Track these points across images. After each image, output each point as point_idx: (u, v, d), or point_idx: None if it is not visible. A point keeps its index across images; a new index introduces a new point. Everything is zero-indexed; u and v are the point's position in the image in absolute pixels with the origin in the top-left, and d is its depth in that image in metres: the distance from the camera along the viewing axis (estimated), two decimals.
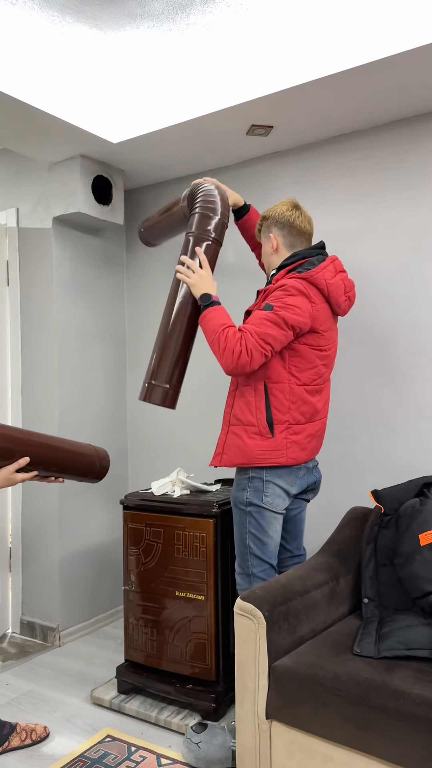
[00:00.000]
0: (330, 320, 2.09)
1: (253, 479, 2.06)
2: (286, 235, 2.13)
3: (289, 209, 2.13)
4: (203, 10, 2.01)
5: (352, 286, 2.16)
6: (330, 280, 2.04)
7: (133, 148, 2.80)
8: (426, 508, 2.00)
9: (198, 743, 2.04)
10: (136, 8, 2.00)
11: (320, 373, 2.09)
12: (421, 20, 1.97)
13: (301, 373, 2.04)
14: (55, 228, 3.01)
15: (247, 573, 2.10)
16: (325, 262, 2.07)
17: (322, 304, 2.04)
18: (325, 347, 2.08)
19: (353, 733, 1.56)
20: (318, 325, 2.03)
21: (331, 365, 2.15)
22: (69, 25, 2.08)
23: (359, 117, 2.51)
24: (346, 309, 2.15)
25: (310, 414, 2.08)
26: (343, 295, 2.10)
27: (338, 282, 2.07)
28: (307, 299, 1.99)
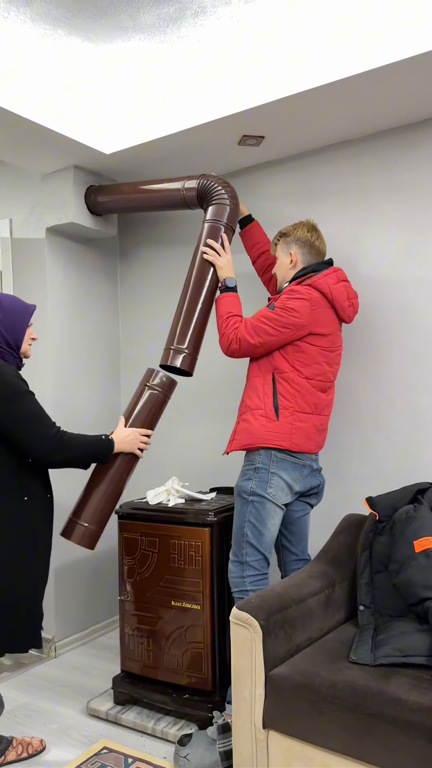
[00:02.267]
0: (334, 324, 2.22)
1: (259, 470, 2.15)
2: (305, 254, 2.31)
3: (309, 230, 2.32)
4: (194, 22, 2.03)
5: (355, 295, 2.30)
6: (332, 286, 2.20)
7: (126, 158, 2.82)
8: (420, 515, 2.01)
9: (186, 756, 2.04)
10: (128, 21, 2.02)
11: (323, 371, 2.20)
12: (410, 31, 2.00)
13: (304, 368, 2.17)
14: (48, 238, 3.02)
15: (240, 561, 2.16)
16: (327, 271, 2.24)
17: (326, 308, 2.18)
18: (329, 348, 2.21)
19: (350, 741, 1.55)
20: (318, 327, 2.16)
21: (335, 367, 2.26)
22: (61, 37, 2.10)
23: (350, 126, 2.54)
24: (351, 315, 2.28)
25: (314, 405, 2.19)
26: (347, 300, 2.23)
27: (341, 288, 2.22)
28: (309, 303, 2.14)
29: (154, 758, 2.15)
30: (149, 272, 3.32)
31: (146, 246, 3.33)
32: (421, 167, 2.51)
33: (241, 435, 2.20)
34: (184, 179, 2.62)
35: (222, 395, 3.03)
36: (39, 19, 2.00)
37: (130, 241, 3.40)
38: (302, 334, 2.15)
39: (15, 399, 1.90)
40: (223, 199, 2.48)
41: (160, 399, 2.25)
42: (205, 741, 2.07)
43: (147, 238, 3.33)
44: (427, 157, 2.49)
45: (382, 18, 2.01)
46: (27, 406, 1.92)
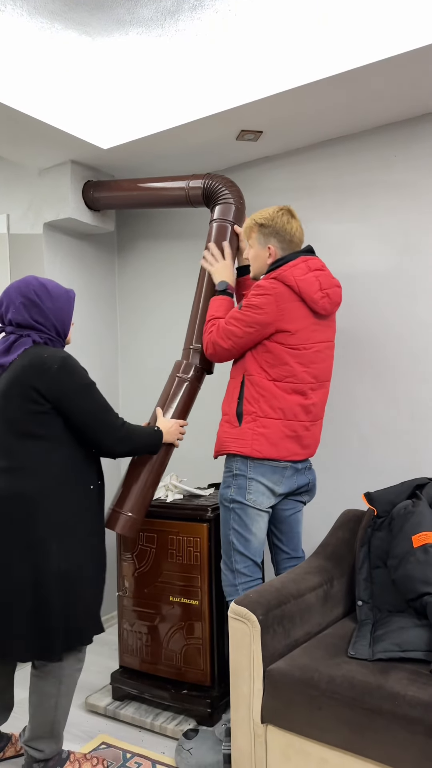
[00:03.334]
0: (305, 320, 2.07)
1: (237, 476, 2.10)
2: (285, 248, 2.18)
3: (288, 221, 2.16)
4: (192, 16, 2.02)
5: (332, 284, 2.13)
6: (300, 277, 2.05)
7: (124, 153, 2.81)
8: (418, 510, 2.01)
9: (189, 749, 2.04)
10: (125, 15, 2.01)
11: (293, 372, 2.06)
12: (409, 25, 1.99)
13: (271, 369, 2.07)
14: (46, 234, 3.01)
15: (231, 569, 2.13)
16: (295, 261, 2.09)
17: (294, 302, 2.04)
18: (296, 345, 2.06)
19: (348, 736, 1.56)
20: (286, 324, 2.04)
21: (313, 366, 2.10)
22: (58, 31, 2.09)
23: (348, 121, 2.53)
24: (326, 306, 2.10)
25: (282, 411, 2.07)
26: (318, 292, 2.07)
27: (310, 279, 2.06)
28: (273, 298, 2.03)
29: (153, 753, 2.15)
30: (147, 267, 3.32)
31: (144, 241, 3.32)
32: (419, 162, 2.50)
33: (216, 442, 2.18)
34: (189, 178, 2.63)
35: (220, 391, 3.02)
36: (36, 12, 1.99)
37: (127, 236, 3.39)
38: (269, 331, 2.04)
39: (88, 390, 1.89)
40: (229, 199, 2.52)
41: (193, 389, 2.33)
42: (211, 740, 2.07)
43: (145, 234, 3.32)
44: (426, 152, 2.49)
45: (380, 12, 2.00)
46: (97, 397, 1.92)
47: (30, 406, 1.83)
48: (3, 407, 1.86)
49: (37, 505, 1.83)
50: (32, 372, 1.82)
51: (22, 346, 1.89)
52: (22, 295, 1.92)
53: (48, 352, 1.86)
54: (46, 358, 1.84)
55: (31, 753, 1.95)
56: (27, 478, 1.83)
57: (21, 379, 1.83)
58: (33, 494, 1.83)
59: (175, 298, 3.21)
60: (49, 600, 1.82)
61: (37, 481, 1.84)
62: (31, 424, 1.84)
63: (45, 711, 1.92)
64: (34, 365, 1.83)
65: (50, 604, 1.82)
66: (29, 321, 1.92)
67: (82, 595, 1.90)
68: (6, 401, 1.85)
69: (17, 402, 1.83)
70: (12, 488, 1.83)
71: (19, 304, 1.91)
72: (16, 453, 1.84)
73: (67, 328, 2.00)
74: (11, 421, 1.85)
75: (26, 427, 1.84)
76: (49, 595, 1.82)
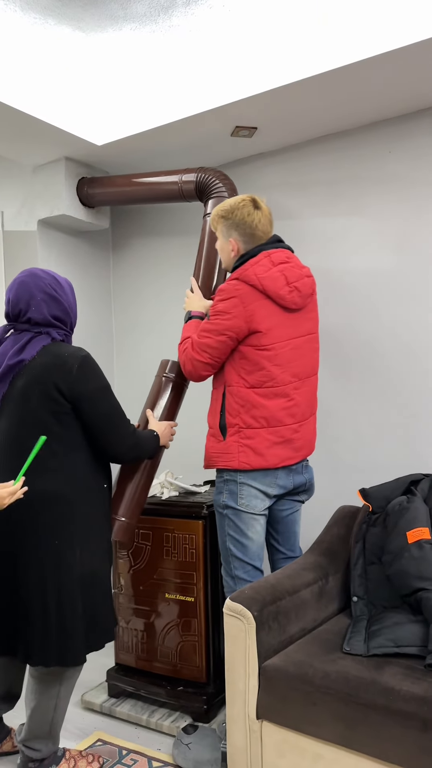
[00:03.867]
0: (275, 317, 2.00)
1: (228, 482, 2.06)
2: (247, 241, 2.09)
3: (250, 213, 2.06)
4: (186, 11, 2.01)
5: (300, 276, 2.04)
6: (262, 275, 1.97)
7: (118, 150, 2.80)
8: (413, 506, 2.01)
9: (188, 744, 2.04)
10: (119, 10, 2.00)
11: (271, 376, 2.00)
12: (402, 22, 1.99)
13: (249, 376, 2.01)
14: (40, 231, 3.00)
15: (231, 575, 2.10)
16: (257, 257, 2.02)
17: (261, 301, 1.97)
18: (269, 346, 1.99)
19: (343, 731, 1.56)
20: (256, 324, 1.97)
21: (290, 365, 2.03)
22: (51, 27, 2.08)
23: (343, 118, 2.53)
24: (296, 300, 2.02)
25: (264, 419, 2.01)
26: (285, 287, 1.99)
27: (274, 275, 1.98)
28: (238, 300, 1.97)
29: (149, 750, 2.15)
30: (142, 264, 3.31)
31: (139, 238, 3.32)
32: (414, 158, 2.50)
33: (204, 455, 2.14)
34: (182, 172, 2.62)
35: None
36: (28, 8, 1.98)
37: (122, 232, 3.38)
38: (243, 335, 1.98)
39: (104, 393, 1.87)
40: (223, 192, 2.50)
41: (180, 387, 2.29)
42: (211, 736, 2.07)
43: (139, 230, 3.31)
44: (420, 148, 2.49)
45: (374, 9, 2.00)
46: (113, 401, 1.90)
47: (51, 405, 1.79)
48: (23, 405, 1.81)
49: (63, 506, 1.81)
50: (54, 370, 1.79)
51: (41, 343, 1.84)
52: (41, 290, 1.88)
53: (68, 350, 1.83)
54: (67, 357, 1.81)
55: (27, 753, 1.94)
56: (49, 479, 1.80)
57: (43, 377, 1.79)
58: (57, 496, 1.80)
59: (170, 294, 3.20)
60: (73, 603, 1.81)
61: (60, 481, 1.81)
62: (51, 423, 1.80)
63: (44, 712, 1.91)
64: (56, 364, 1.80)
65: (74, 608, 1.81)
66: (47, 318, 1.88)
67: (102, 598, 1.90)
68: (25, 399, 1.81)
69: (39, 401, 1.79)
70: (36, 490, 1.76)
71: (41, 300, 1.87)
72: (40, 455, 1.76)
73: (75, 321, 1.98)
74: (31, 420, 1.80)
75: (48, 427, 1.80)
76: (74, 599, 1.81)
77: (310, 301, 2.11)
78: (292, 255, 2.12)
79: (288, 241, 2.76)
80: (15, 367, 1.84)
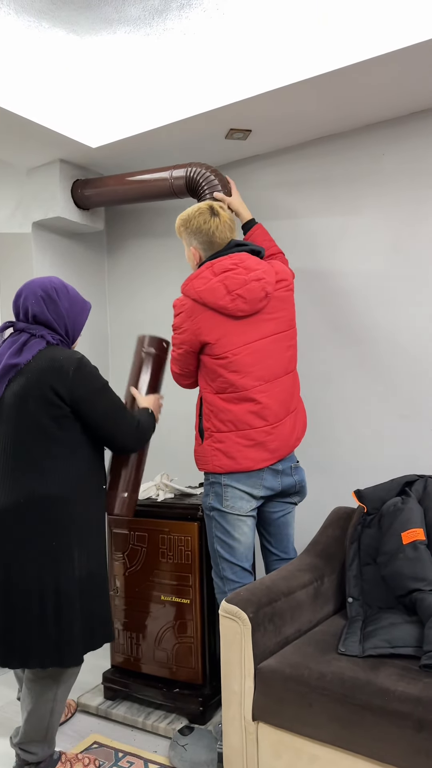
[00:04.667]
0: (223, 326, 2.02)
1: (213, 484, 2.09)
2: (206, 248, 2.12)
3: (206, 220, 2.09)
4: (180, 15, 2.02)
5: (243, 282, 2.00)
6: (200, 288, 2.02)
7: (112, 152, 2.80)
8: (408, 507, 2.02)
9: (184, 745, 2.04)
10: (113, 13, 2.01)
11: (230, 382, 2.02)
12: (396, 24, 2.00)
13: (213, 383, 2.06)
14: (34, 233, 3.00)
15: (220, 576, 2.11)
16: (200, 270, 2.06)
17: (205, 313, 2.02)
18: (222, 355, 2.02)
19: (339, 732, 1.56)
20: (204, 336, 2.02)
21: (250, 369, 2.02)
22: (45, 30, 2.08)
23: (337, 120, 2.54)
24: (242, 307, 2.01)
25: (232, 423, 2.04)
26: (225, 297, 2.00)
27: (213, 286, 2.00)
28: (185, 315, 2.05)
29: (145, 752, 2.15)
30: (137, 265, 3.31)
31: (133, 239, 3.32)
32: (408, 160, 2.51)
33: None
34: (171, 168, 2.62)
35: None
36: (23, 11, 1.98)
37: (117, 234, 3.38)
38: (197, 348, 2.05)
39: (103, 392, 1.90)
40: (216, 187, 2.49)
41: (161, 361, 2.27)
42: (207, 738, 2.07)
43: (134, 232, 3.31)
44: (414, 150, 2.50)
45: (368, 11, 2.00)
46: (113, 398, 1.93)
47: (49, 409, 1.82)
48: (19, 409, 1.83)
49: (60, 509, 1.82)
50: (51, 374, 1.82)
51: (36, 347, 1.87)
52: (42, 289, 1.93)
53: (63, 354, 1.86)
54: (63, 361, 1.84)
55: (23, 756, 1.94)
56: (49, 481, 1.82)
57: (40, 382, 1.81)
58: (57, 498, 1.82)
59: (165, 296, 3.21)
60: (71, 604, 1.82)
61: (59, 484, 1.83)
62: (49, 426, 1.83)
63: (40, 716, 1.91)
64: (52, 368, 1.82)
65: (72, 608, 1.82)
66: (45, 315, 1.91)
67: (100, 598, 1.92)
68: (23, 403, 1.83)
69: (36, 404, 1.82)
70: (36, 492, 1.80)
71: (39, 297, 1.92)
72: (36, 456, 1.82)
73: (76, 334, 2.01)
74: (29, 423, 1.83)
75: (45, 430, 1.82)
76: (72, 599, 1.82)
77: (266, 303, 2.06)
78: (245, 258, 2.06)
79: (282, 242, 2.78)
80: (12, 369, 1.86)
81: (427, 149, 2.47)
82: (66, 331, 1.97)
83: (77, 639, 1.83)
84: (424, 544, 1.94)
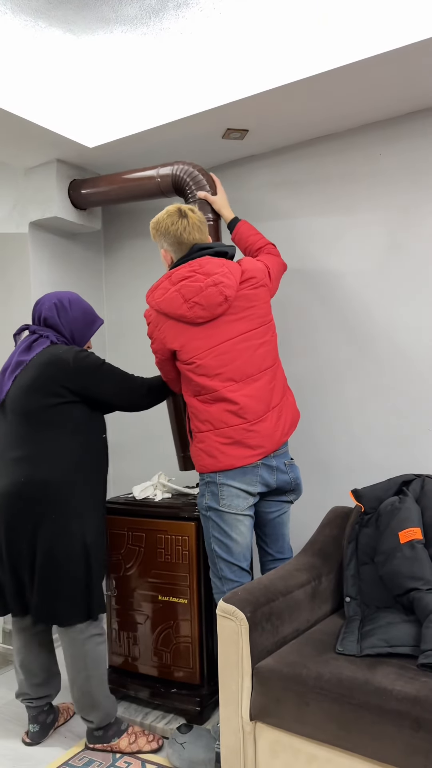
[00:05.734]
0: (185, 333, 2.05)
1: (209, 484, 2.08)
2: (176, 251, 2.15)
3: (174, 222, 2.11)
4: (177, 14, 2.02)
5: (199, 289, 2.02)
6: (159, 299, 2.07)
7: (109, 152, 2.80)
8: (405, 506, 2.02)
9: (182, 744, 2.04)
10: (110, 13, 2.00)
11: (201, 385, 2.05)
12: (393, 24, 2.00)
13: (188, 386, 2.11)
14: (31, 233, 2.99)
15: (218, 576, 2.10)
16: (159, 281, 2.10)
17: (167, 322, 2.08)
18: (188, 361, 2.05)
19: (336, 732, 1.56)
20: (170, 344, 2.08)
21: (220, 370, 2.04)
22: (42, 29, 2.08)
23: (334, 120, 2.54)
24: (200, 314, 2.03)
25: (209, 422, 2.06)
26: (183, 306, 2.03)
27: (170, 296, 2.04)
28: (154, 326, 2.12)
29: (142, 753, 2.15)
30: (134, 265, 3.31)
31: (130, 239, 3.32)
32: (404, 160, 2.52)
33: None
34: (159, 167, 2.61)
35: None
36: (19, 10, 1.98)
37: (114, 234, 3.38)
38: (168, 356, 2.12)
39: (103, 370, 2.12)
40: (204, 186, 2.50)
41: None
42: (206, 737, 2.07)
43: (131, 232, 3.31)
44: (411, 150, 2.50)
45: (364, 11, 2.01)
46: (115, 371, 2.15)
47: (51, 400, 2.04)
48: (23, 400, 2.06)
49: (59, 490, 2.04)
50: (52, 369, 2.05)
51: (41, 345, 2.12)
52: (58, 298, 2.21)
53: (61, 350, 2.09)
54: (62, 353, 2.07)
55: (85, 723, 2.18)
56: (48, 466, 2.04)
57: (43, 375, 2.04)
58: (55, 480, 2.03)
59: None
60: (72, 573, 2.04)
61: (58, 468, 2.04)
62: (51, 415, 2.05)
63: (80, 685, 2.11)
64: (52, 362, 2.05)
65: (73, 578, 2.05)
66: (55, 319, 2.17)
67: (98, 570, 2.12)
68: (26, 395, 2.05)
69: (39, 396, 2.04)
70: (35, 476, 2.03)
71: (53, 304, 2.19)
72: (36, 443, 2.05)
73: (83, 342, 2.24)
74: (31, 413, 2.05)
75: (46, 418, 2.05)
76: (75, 567, 2.05)
77: (226, 307, 2.04)
78: (205, 263, 2.06)
79: (279, 241, 2.79)
80: (20, 365, 2.11)
81: (424, 149, 2.48)
82: (72, 337, 2.20)
83: (76, 601, 2.05)
84: (422, 543, 1.94)
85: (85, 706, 2.12)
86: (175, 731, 2.10)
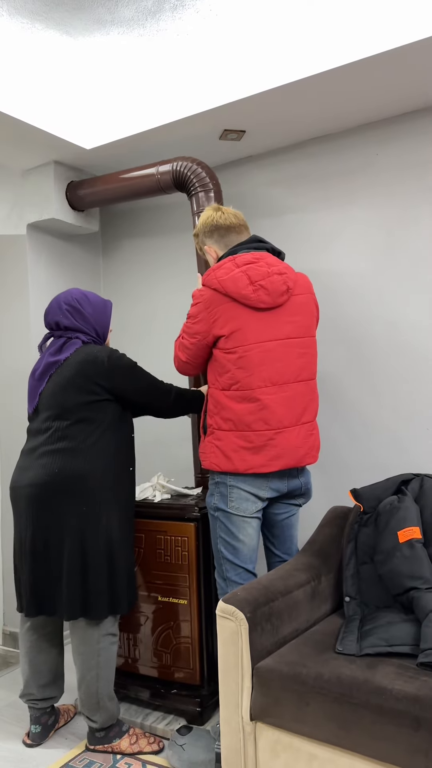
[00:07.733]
0: (242, 318, 1.99)
1: (218, 484, 2.06)
2: (217, 240, 2.17)
3: (209, 216, 2.19)
4: (173, 16, 2.02)
5: (266, 274, 2.00)
6: (223, 277, 2.00)
7: (107, 153, 2.81)
8: (404, 506, 2.02)
9: (182, 745, 2.04)
10: (106, 14, 2.01)
11: (237, 379, 1.99)
12: (388, 25, 2.01)
13: (220, 377, 2.03)
14: (29, 234, 3.00)
15: (223, 577, 2.10)
16: (223, 261, 2.06)
17: (225, 304, 1.99)
18: (233, 349, 1.99)
19: (337, 731, 1.56)
20: (219, 328, 2.00)
21: (260, 368, 1.99)
22: (39, 31, 2.08)
23: (331, 120, 2.54)
24: (264, 298, 1.99)
25: (232, 422, 2.01)
26: (248, 286, 1.97)
27: (237, 276, 1.99)
28: (203, 305, 2.03)
29: (143, 754, 2.15)
30: (132, 266, 3.31)
31: (128, 240, 3.32)
32: (401, 160, 2.52)
33: None
34: (158, 164, 2.62)
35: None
36: (16, 12, 1.98)
37: (112, 235, 3.38)
38: (210, 340, 2.03)
39: (135, 371, 2.19)
40: (206, 182, 2.51)
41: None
42: (205, 737, 2.07)
43: (129, 233, 3.31)
44: (407, 150, 2.51)
45: (360, 12, 2.01)
46: (145, 374, 2.21)
47: (87, 397, 2.10)
48: (60, 397, 2.12)
49: (92, 483, 2.08)
50: (88, 367, 2.11)
51: (74, 345, 2.18)
52: (66, 303, 2.23)
53: (96, 349, 2.16)
54: (97, 353, 2.14)
55: (87, 723, 2.17)
56: (83, 459, 2.09)
57: (80, 374, 2.11)
58: (89, 474, 2.08)
59: (160, 296, 3.21)
60: (97, 566, 2.06)
61: (92, 462, 2.09)
62: (87, 411, 2.11)
63: (88, 684, 2.11)
64: (89, 361, 2.12)
65: (98, 570, 2.06)
66: (75, 324, 2.21)
67: (124, 566, 2.13)
68: (63, 392, 2.12)
69: (75, 393, 2.10)
70: (70, 467, 2.08)
71: (65, 310, 2.22)
72: (71, 438, 2.10)
73: (105, 332, 2.30)
74: (68, 409, 2.11)
75: (81, 415, 2.11)
76: (99, 563, 2.06)
77: (287, 298, 2.04)
78: (266, 256, 2.07)
79: (277, 241, 2.79)
80: (53, 365, 2.17)
81: (420, 149, 2.48)
82: (96, 333, 2.26)
83: (102, 594, 2.06)
84: (421, 543, 1.94)
85: (91, 706, 2.12)
86: (175, 733, 2.10)
